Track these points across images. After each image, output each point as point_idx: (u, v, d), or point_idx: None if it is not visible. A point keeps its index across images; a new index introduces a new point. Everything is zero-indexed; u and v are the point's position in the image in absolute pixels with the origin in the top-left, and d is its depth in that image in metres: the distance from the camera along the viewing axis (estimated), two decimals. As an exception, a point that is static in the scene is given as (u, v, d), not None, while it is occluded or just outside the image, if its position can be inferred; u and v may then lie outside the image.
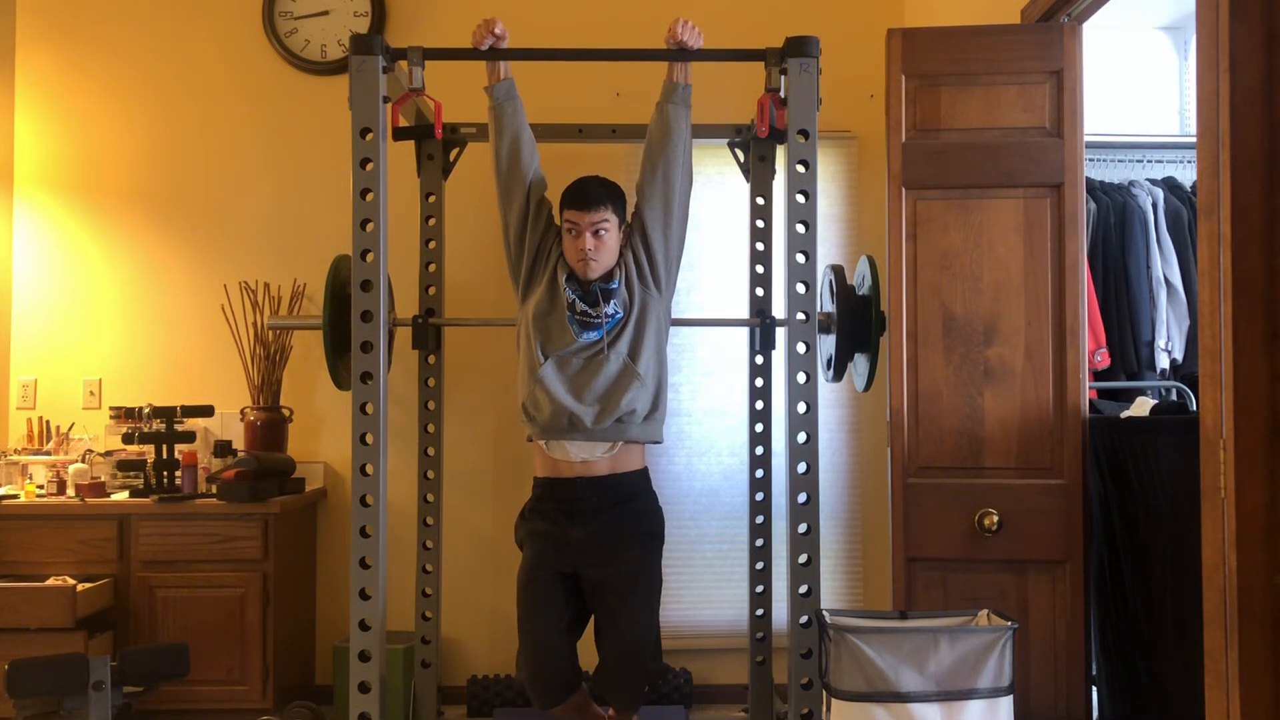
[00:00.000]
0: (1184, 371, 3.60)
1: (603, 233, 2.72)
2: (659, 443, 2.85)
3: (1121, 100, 4.18)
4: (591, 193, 2.73)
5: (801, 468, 2.71)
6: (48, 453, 3.72)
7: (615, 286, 2.74)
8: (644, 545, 2.77)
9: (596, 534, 2.72)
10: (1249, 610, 1.91)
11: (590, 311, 2.72)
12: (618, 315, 2.75)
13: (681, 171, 2.79)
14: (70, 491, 3.54)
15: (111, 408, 3.76)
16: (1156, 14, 4.23)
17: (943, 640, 2.36)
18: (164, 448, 3.58)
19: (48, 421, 3.82)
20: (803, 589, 2.69)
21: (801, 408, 2.71)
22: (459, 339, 3.73)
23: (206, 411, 3.71)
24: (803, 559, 2.69)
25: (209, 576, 3.44)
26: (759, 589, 3.44)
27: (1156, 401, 3.14)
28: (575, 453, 2.74)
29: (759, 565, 3.44)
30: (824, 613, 2.52)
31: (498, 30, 2.74)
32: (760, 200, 3.47)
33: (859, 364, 3.20)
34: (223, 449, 3.66)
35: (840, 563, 3.94)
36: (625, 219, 2.80)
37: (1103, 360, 3.49)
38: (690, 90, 2.79)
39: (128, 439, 3.60)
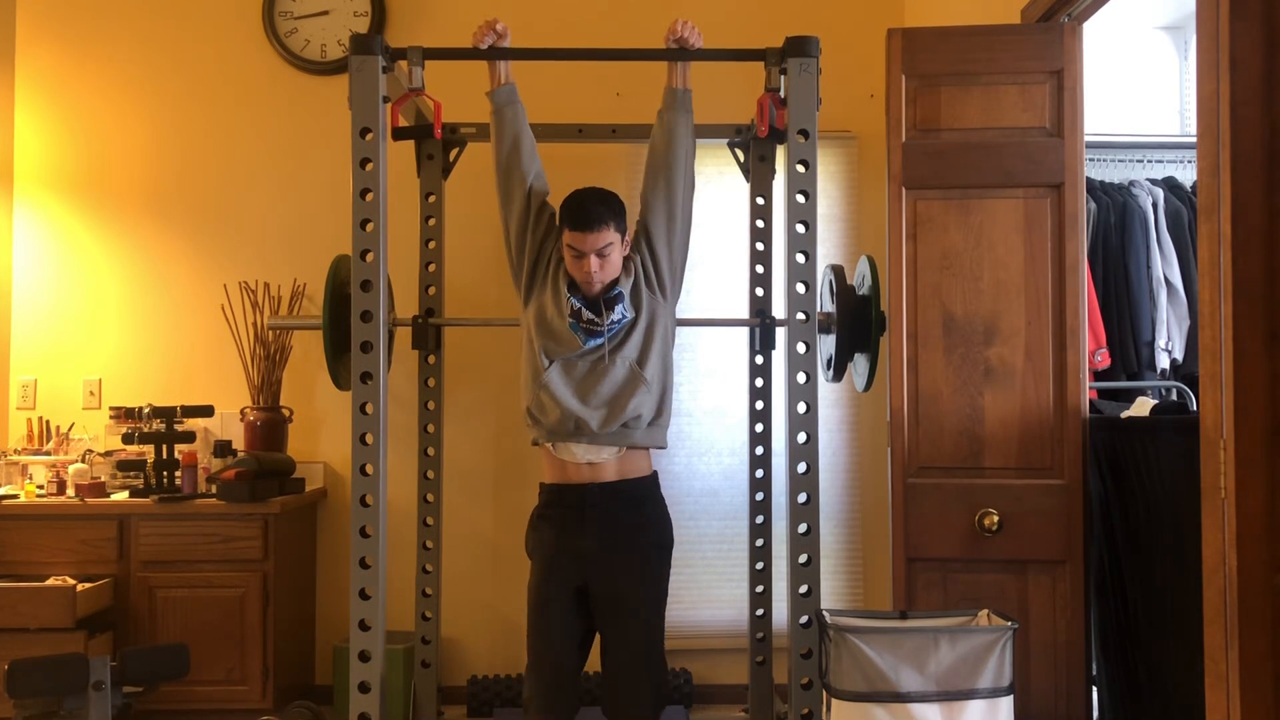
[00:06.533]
0: (1184, 371, 3.60)
1: (607, 253, 2.66)
2: (663, 448, 2.85)
3: (1121, 100, 4.18)
4: (592, 213, 2.64)
5: (801, 468, 2.71)
6: (48, 453, 3.72)
7: (619, 293, 2.73)
8: (652, 558, 2.75)
9: (606, 546, 2.68)
10: (1249, 610, 1.91)
11: (595, 319, 2.71)
12: (623, 320, 2.73)
13: (685, 179, 2.78)
14: (70, 491, 3.54)
15: (111, 408, 3.76)
16: (1156, 14, 4.23)
17: (943, 640, 2.36)
18: (164, 448, 3.58)
19: (48, 421, 3.82)
20: (803, 589, 2.69)
21: (801, 408, 2.71)
22: (459, 339, 3.73)
23: (206, 411, 3.71)
24: (803, 559, 2.69)
25: (209, 576, 3.44)
26: (759, 589, 3.44)
27: (1156, 401, 3.14)
28: (582, 455, 2.72)
29: (759, 565, 3.44)
30: (824, 613, 2.52)
31: (499, 28, 2.74)
32: (760, 200, 3.47)
33: (859, 364, 3.20)
34: (223, 449, 3.66)
35: (840, 563, 3.94)
36: (626, 232, 2.75)
37: (1103, 360, 3.49)
38: (690, 95, 2.79)
39: (128, 439, 3.60)
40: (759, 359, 3.46)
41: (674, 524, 2.85)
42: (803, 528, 2.70)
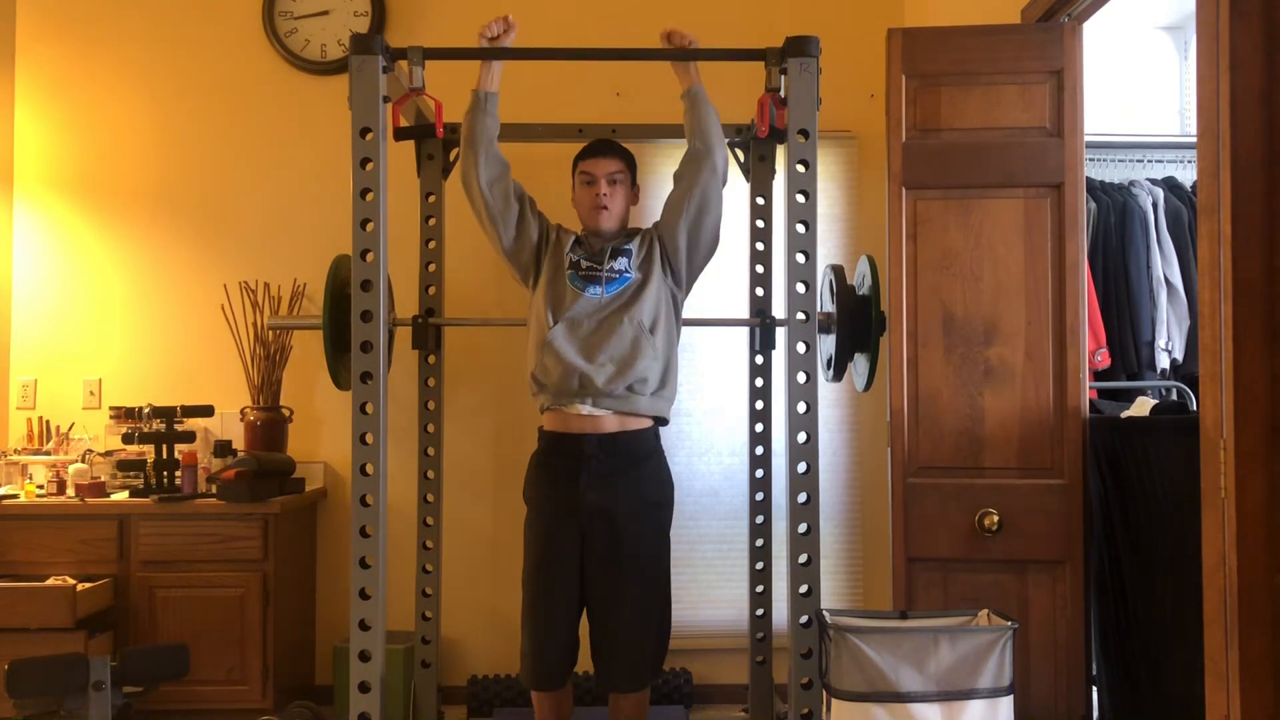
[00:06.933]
0: (1184, 371, 3.60)
1: (617, 181, 2.82)
2: (665, 421, 2.84)
3: (1121, 100, 4.18)
4: (606, 145, 2.87)
5: (801, 468, 2.71)
6: (48, 453, 3.72)
7: (629, 248, 2.76)
8: (652, 514, 2.77)
9: (604, 501, 2.69)
10: (1249, 610, 1.91)
11: (594, 265, 2.74)
12: (627, 276, 2.75)
13: (717, 174, 2.79)
14: (70, 491, 3.54)
15: (111, 408, 3.76)
16: (1156, 14, 4.23)
17: (943, 640, 2.36)
18: (164, 448, 3.58)
19: (48, 421, 3.82)
20: (803, 589, 2.69)
21: (801, 408, 2.71)
22: (459, 339, 3.73)
23: (206, 411, 3.70)
24: (803, 559, 2.69)
25: (209, 576, 3.44)
26: (759, 589, 3.44)
27: (1156, 401, 3.14)
28: (584, 409, 2.72)
29: (759, 565, 3.44)
30: (824, 612, 2.52)
31: (510, 20, 2.76)
32: (760, 200, 3.47)
33: (859, 364, 3.20)
34: (223, 449, 3.66)
35: (840, 563, 3.94)
36: (636, 181, 2.91)
37: (1103, 360, 3.49)
38: (703, 90, 2.80)
39: (128, 439, 3.60)
40: (759, 359, 3.46)
41: (675, 524, 2.85)
42: (803, 528, 2.70)
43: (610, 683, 2.74)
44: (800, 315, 2.72)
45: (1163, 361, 3.58)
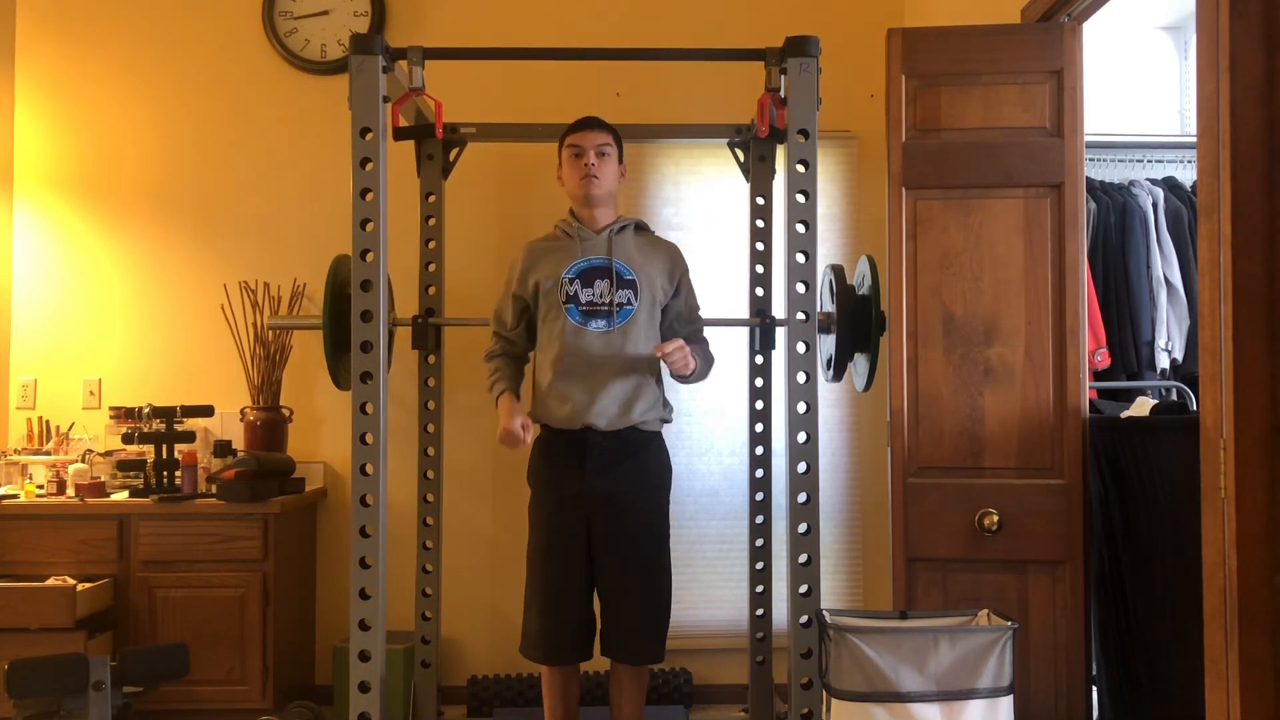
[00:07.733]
0: (1184, 371, 3.60)
1: (605, 154, 2.83)
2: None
3: (1121, 100, 4.18)
4: (592, 120, 2.88)
5: (801, 467, 2.72)
6: (48, 453, 3.72)
7: (631, 278, 2.77)
8: (652, 496, 2.83)
9: (606, 489, 2.75)
10: (1249, 610, 1.91)
11: (596, 299, 2.74)
12: (630, 309, 2.76)
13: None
14: (70, 491, 3.54)
15: (111, 408, 3.76)
16: (1156, 14, 4.23)
17: (943, 640, 2.36)
18: (164, 448, 3.58)
19: (48, 421, 3.82)
20: (803, 589, 2.69)
21: (801, 408, 2.71)
22: (459, 339, 3.73)
23: (206, 411, 3.70)
24: (803, 559, 2.70)
25: (209, 576, 3.44)
26: (759, 589, 3.44)
27: (1156, 401, 3.14)
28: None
29: (759, 565, 3.44)
30: (824, 613, 2.51)
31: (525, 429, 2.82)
32: (760, 200, 3.47)
33: (859, 364, 3.20)
34: (223, 449, 3.66)
35: (840, 563, 3.94)
36: (623, 160, 2.93)
37: (1103, 360, 3.49)
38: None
39: (128, 439, 3.60)
40: (759, 359, 3.46)
41: (674, 524, 2.87)
42: (803, 527, 2.71)
43: (618, 654, 2.80)
44: (800, 315, 2.73)
45: (1163, 361, 3.58)
